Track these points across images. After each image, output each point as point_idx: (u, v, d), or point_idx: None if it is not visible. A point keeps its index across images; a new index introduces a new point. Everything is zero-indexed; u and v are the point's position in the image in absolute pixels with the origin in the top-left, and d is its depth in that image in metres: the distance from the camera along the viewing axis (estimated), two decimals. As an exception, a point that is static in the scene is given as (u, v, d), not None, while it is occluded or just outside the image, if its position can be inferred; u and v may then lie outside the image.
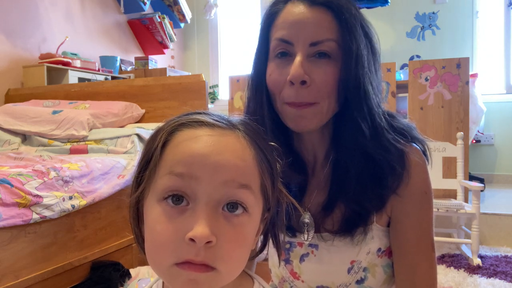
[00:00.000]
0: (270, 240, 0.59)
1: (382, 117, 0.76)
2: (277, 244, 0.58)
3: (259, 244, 0.59)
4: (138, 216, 0.52)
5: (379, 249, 0.77)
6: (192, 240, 0.43)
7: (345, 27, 0.70)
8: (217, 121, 0.50)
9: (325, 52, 0.70)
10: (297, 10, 0.72)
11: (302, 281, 0.81)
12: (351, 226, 0.75)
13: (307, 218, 0.76)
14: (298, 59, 0.70)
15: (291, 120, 0.74)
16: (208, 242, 0.44)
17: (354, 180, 0.73)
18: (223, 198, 0.46)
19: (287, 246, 0.82)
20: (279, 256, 0.61)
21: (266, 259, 0.90)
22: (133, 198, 0.51)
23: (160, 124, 0.52)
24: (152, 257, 0.47)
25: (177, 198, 0.46)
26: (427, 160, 0.78)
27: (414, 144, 0.77)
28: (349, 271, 0.77)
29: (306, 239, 0.77)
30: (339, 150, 0.75)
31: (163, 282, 0.57)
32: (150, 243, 0.47)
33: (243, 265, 0.50)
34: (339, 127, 0.76)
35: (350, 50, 0.70)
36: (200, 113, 0.51)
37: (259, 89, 0.77)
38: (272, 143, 0.56)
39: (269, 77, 0.75)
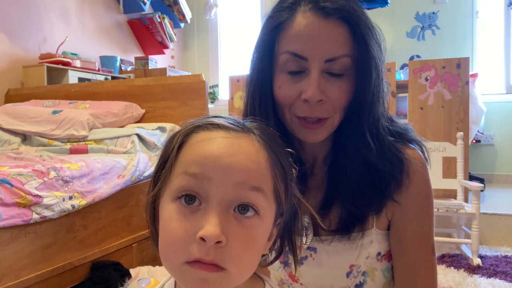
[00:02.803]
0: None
1: (384, 124, 0.75)
2: (294, 251, 0.58)
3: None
4: (154, 215, 0.53)
5: (379, 253, 0.77)
6: (202, 239, 0.44)
7: (361, 42, 0.68)
8: (232, 124, 0.51)
9: (340, 68, 0.69)
10: (310, 22, 0.68)
11: (301, 284, 0.81)
12: (348, 225, 0.74)
13: (306, 221, 0.75)
14: (314, 78, 0.68)
15: (300, 135, 0.74)
16: (218, 242, 0.44)
17: (353, 184, 0.73)
18: (234, 199, 0.47)
19: (286, 248, 0.82)
20: (295, 262, 0.60)
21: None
22: (150, 197, 0.53)
23: (177, 127, 0.53)
24: (164, 255, 0.48)
25: (190, 198, 0.47)
26: (427, 161, 0.78)
27: (412, 146, 0.77)
28: (348, 275, 0.77)
29: (305, 242, 0.76)
30: (339, 155, 0.75)
31: (175, 281, 0.57)
32: (163, 241, 0.48)
33: (254, 268, 0.50)
34: (341, 134, 0.75)
35: (368, 66, 0.69)
36: (216, 117, 0.52)
37: (263, 99, 0.75)
38: (289, 149, 0.56)
39: (279, 90, 0.72)
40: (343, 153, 0.74)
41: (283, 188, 0.51)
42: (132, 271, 1.73)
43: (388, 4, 3.00)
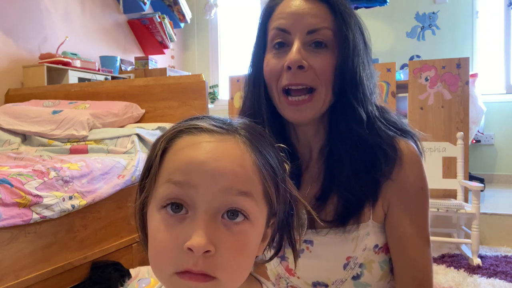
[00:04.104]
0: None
1: (375, 106, 0.78)
2: (293, 247, 0.57)
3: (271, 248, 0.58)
4: (143, 222, 0.52)
5: (376, 245, 0.78)
6: (190, 249, 0.43)
7: (340, 17, 0.74)
8: (216, 126, 0.49)
9: (322, 40, 0.74)
10: (294, 2, 0.76)
11: (298, 278, 0.82)
12: (344, 216, 0.75)
13: (302, 212, 0.76)
14: (296, 45, 0.73)
15: (288, 114, 0.76)
16: (206, 252, 0.43)
17: (347, 168, 0.74)
18: (222, 205, 0.45)
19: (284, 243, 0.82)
20: (295, 258, 0.59)
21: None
22: (137, 205, 0.52)
23: (164, 127, 0.52)
24: (154, 265, 0.47)
25: (176, 206, 0.46)
26: (420, 153, 0.79)
27: (406, 138, 0.79)
28: (345, 267, 0.78)
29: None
30: (333, 141, 0.77)
31: None
32: (152, 251, 0.47)
33: (246, 273, 0.49)
34: (334, 117, 0.78)
35: (346, 38, 0.74)
36: (199, 118, 0.51)
37: (257, 82, 0.79)
38: (280, 145, 0.55)
39: (266, 67, 0.77)
40: (336, 136, 0.77)
41: (273, 189, 0.50)
42: (132, 271, 1.73)
43: (387, 3, 3.00)
